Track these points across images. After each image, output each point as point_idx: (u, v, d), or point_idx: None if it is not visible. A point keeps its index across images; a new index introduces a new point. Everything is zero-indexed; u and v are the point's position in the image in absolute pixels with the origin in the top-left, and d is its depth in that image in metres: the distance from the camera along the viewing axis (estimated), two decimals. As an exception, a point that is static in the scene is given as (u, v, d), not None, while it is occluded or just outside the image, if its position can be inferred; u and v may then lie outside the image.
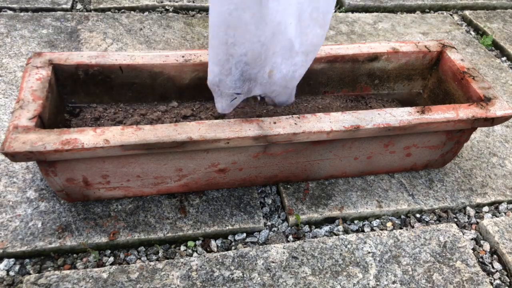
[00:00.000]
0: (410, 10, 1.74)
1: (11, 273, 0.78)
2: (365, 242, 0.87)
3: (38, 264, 0.79)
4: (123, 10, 1.51)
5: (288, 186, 0.96)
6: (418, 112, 0.86)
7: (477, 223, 0.96)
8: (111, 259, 0.81)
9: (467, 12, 1.74)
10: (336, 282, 0.80)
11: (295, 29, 0.74)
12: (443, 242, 0.89)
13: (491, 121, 0.89)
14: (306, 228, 0.91)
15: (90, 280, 0.76)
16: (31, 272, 0.78)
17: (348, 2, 1.68)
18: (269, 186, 0.97)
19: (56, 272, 0.77)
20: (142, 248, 0.84)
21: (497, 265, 0.88)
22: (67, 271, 0.77)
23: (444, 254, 0.87)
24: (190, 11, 1.57)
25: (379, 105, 1.09)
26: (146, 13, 1.51)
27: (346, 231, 0.91)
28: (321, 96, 1.08)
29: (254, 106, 0.99)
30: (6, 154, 0.70)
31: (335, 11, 1.67)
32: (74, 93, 0.94)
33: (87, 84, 0.93)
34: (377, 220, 0.94)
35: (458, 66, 1.00)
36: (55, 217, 0.84)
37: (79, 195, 0.85)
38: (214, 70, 0.73)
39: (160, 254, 0.83)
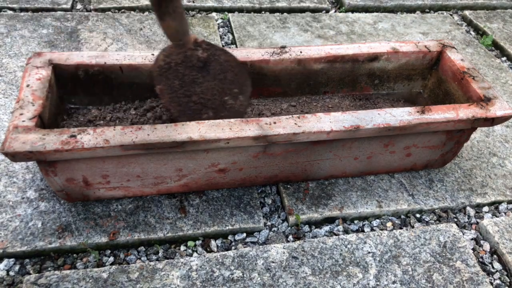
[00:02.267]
0: (410, 10, 1.74)
1: (11, 273, 0.78)
2: (365, 242, 0.87)
3: (38, 264, 0.79)
4: (123, 10, 1.51)
5: (288, 186, 0.96)
6: (418, 112, 0.86)
7: (477, 223, 0.96)
8: (111, 259, 0.81)
9: (467, 12, 1.74)
10: (336, 282, 0.80)
11: None
12: (443, 242, 0.89)
13: (491, 121, 0.89)
14: (306, 228, 0.91)
15: (90, 280, 0.76)
16: (31, 272, 0.78)
17: (348, 2, 1.68)
18: (269, 186, 0.97)
19: (56, 272, 0.77)
20: (142, 248, 0.84)
21: (497, 265, 0.88)
22: (67, 271, 0.77)
23: (444, 254, 0.87)
24: (190, 11, 1.57)
25: (387, 105, 1.09)
26: (146, 13, 1.51)
27: (346, 231, 0.91)
28: (329, 96, 1.08)
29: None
30: (6, 154, 0.70)
31: (335, 11, 1.67)
32: (74, 93, 0.94)
33: (87, 84, 0.93)
34: (377, 220, 0.94)
35: (458, 66, 1.00)
36: (55, 217, 0.84)
37: (79, 195, 0.85)
38: None
39: (160, 254, 0.83)
